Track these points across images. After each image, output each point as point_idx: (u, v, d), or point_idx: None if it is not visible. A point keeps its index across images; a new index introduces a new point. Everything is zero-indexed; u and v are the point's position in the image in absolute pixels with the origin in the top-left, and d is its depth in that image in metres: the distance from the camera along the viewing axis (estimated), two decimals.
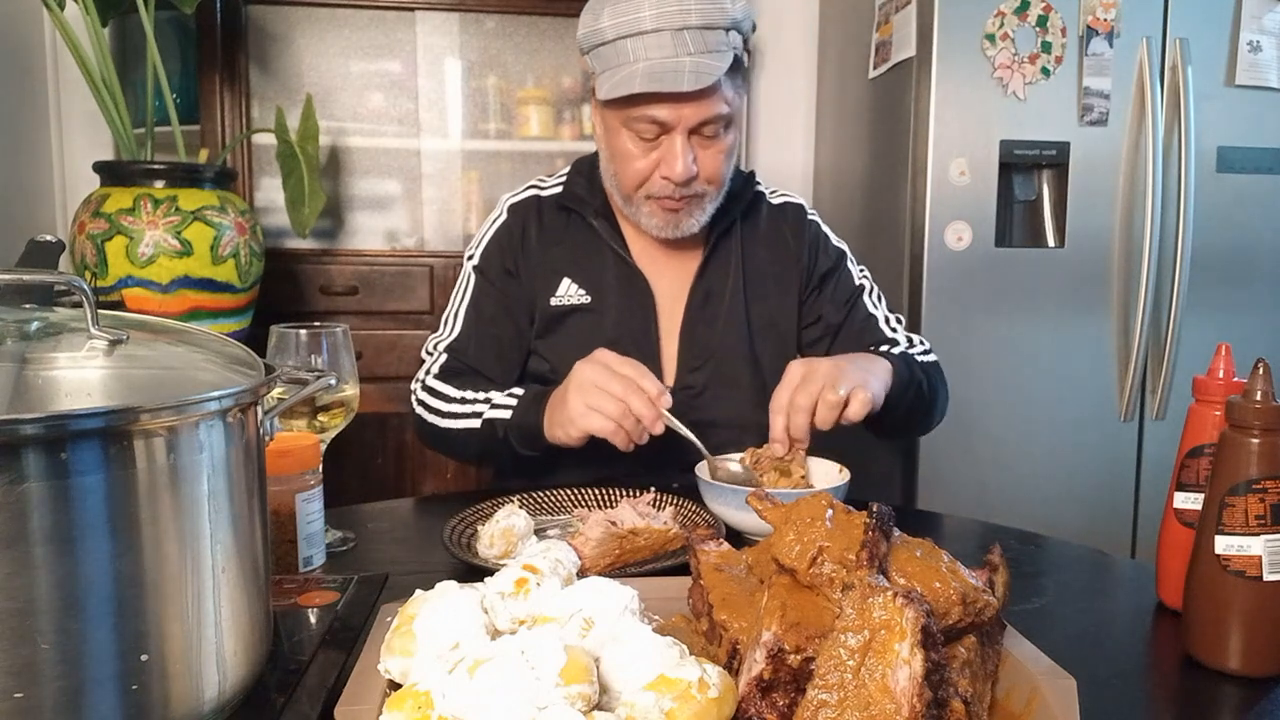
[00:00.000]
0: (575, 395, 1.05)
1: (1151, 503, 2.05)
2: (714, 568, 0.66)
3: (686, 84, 1.10)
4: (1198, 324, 2.00)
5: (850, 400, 1.04)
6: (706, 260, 1.31)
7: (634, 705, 0.50)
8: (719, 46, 1.13)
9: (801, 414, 1.03)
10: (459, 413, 1.21)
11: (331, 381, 0.76)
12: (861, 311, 1.34)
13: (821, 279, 1.34)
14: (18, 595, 0.48)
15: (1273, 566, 0.68)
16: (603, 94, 1.16)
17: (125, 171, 1.83)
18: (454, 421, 1.21)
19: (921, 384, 1.24)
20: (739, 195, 1.32)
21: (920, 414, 1.27)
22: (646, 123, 1.16)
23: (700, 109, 1.15)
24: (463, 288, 1.34)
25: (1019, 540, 1.01)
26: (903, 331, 1.35)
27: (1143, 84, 1.93)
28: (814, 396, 1.03)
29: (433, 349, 1.31)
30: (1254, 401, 0.68)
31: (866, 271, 1.39)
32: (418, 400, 1.27)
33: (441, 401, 1.23)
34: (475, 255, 1.34)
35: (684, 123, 1.15)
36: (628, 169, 1.21)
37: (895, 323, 1.35)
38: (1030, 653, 0.60)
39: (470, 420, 1.19)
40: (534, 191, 1.35)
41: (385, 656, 0.57)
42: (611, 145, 1.22)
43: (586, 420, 1.03)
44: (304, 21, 2.36)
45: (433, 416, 1.24)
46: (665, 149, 1.18)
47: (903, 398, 1.19)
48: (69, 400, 0.54)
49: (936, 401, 1.29)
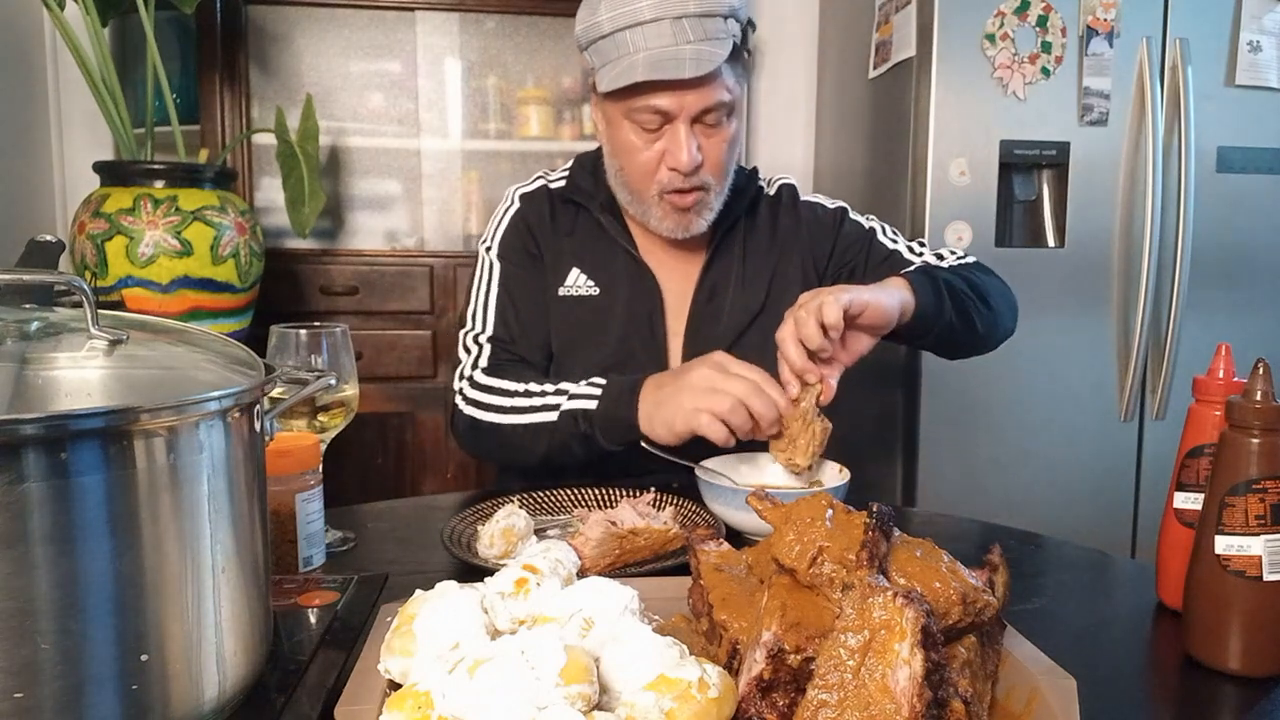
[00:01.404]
0: (688, 395, 1.02)
1: (1151, 503, 2.05)
2: (714, 568, 0.66)
3: (688, 70, 1.10)
4: (1198, 324, 2.00)
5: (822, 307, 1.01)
6: (711, 257, 1.31)
7: (634, 705, 0.50)
8: (718, 34, 1.13)
9: (788, 343, 1.02)
10: (526, 406, 1.15)
11: (331, 381, 0.76)
12: (880, 251, 1.33)
13: (830, 247, 1.34)
14: (18, 595, 0.48)
15: (1273, 566, 0.68)
16: (603, 86, 1.15)
17: (125, 171, 1.83)
18: (520, 417, 1.15)
19: (953, 284, 1.19)
20: (743, 192, 1.32)
21: (976, 313, 1.22)
22: (649, 113, 1.15)
23: (702, 96, 1.14)
24: (485, 278, 1.31)
25: (1019, 540, 1.01)
26: (930, 252, 1.32)
27: (1143, 84, 1.93)
28: (793, 322, 1.03)
29: (471, 343, 1.27)
30: (1254, 401, 0.68)
31: (873, 216, 1.37)
32: (466, 400, 1.21)
33: (500, 397, 1.18)
34: (493, 245, 1.32)
35: (686, 111, 1.14)
36: (633, 162, 1.20)
37: (919, 247, 1.33)
38: (1030, 653, 0.59)
39: (544, 414, 1.14)
40: (542, 183, 1.35)
41: (385, 656, 0.57)
42: (614, 140, 1.22)
43: (695, 420, 1.01)
44: (304, 21, 2.36)
45: (490, 414, 1.18)
46: (669, 139, 1.17)
47: (939, 304, 1.15)
48: (69, 400, 0.54)
49: (989, 296, 1.25)
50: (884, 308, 1.08)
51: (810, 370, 1.03)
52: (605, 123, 1.23)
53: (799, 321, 1.02)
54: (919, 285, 1.15)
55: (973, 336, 1.24)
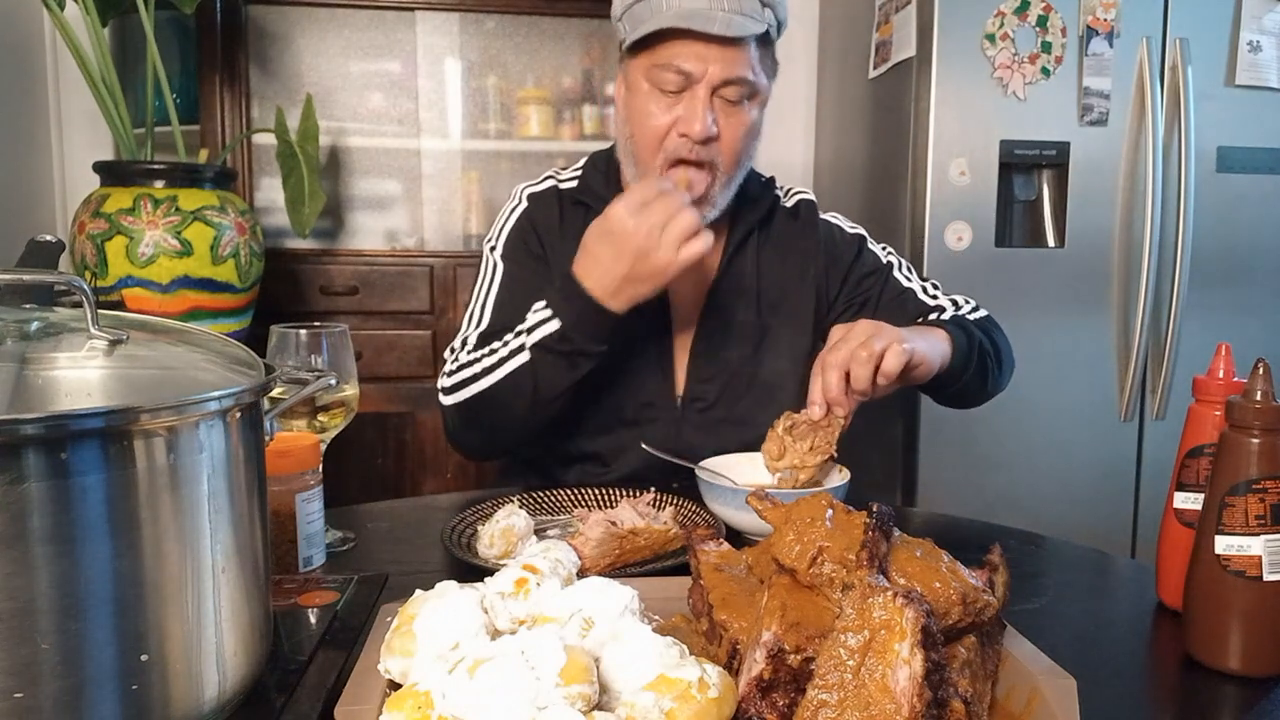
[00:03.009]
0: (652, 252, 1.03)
1: (1151, 503, 2.05)
2: (714, 568, 0.66)
3: (718, 27, 1.08)
4: (1198, 324, 2.00)
5: (885, 354, 1.00)
6: (723, 270, 1.28)
7: (634, 705, 0.50)
8: (753, 12, 1.11)
9: (833, 371, 1.00)
10: (494, 362, 1.14)
11: (331, 381, 0.76)
12: (895, 288, 1.30)
13: (844, 274, 1.31)
14: (18, 595, 0.48)
15: (1273, 566, 0.68)
16: (631, 37, 1.13)
17: (125, 171, 1.83)
18: (494, 375, 1.13)
19: (983, 343, 1.20)
20: (758, 202, 1.29)
21: (991, 373, 1.23)
22: (671, 72, 1.12)
23: (727, 63, 1.11)
24: (488, 278, 1.28)
25: (1019, 540, 1.01)
26: (945, 296, 1.31)
27: (1143, 84, 1.93)
28: (848, 354, 1.00)
29: (458, 344, 1.25)
30: (1254, 401, 0.68)
31: (890, 249, 1.35)
32: (444, 391, 1.19)
33: (469, 367, 1.16)
34: (498, 245, 1.29)
35: (708, 77, 1.12)
36: (645, 127, 1.17)
37: (934, 289, 1.32)
38: (1030, 653, 0.59)
39: (514, 359, 1.12)
40: (552, 182, 1.32)
41: (385, 656, 0.57)
42: (630, 105, 1.19)
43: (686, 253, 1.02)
44: (304, 21, 2.36)
45: (472, 387, 1.15)
46: (686, 105, 1.14)
47: (968, 361, 1.16)
48: (69, 400, 0.54)
49: (1002, 357, 1.26)
50: (932, 366, 1.08)
51: (842, 404, 1.01)
52: (625, 87, 1.21)
53: (855, 359, 1.00)
54: (957, 342, 1.15)
55: (979, 396, 1.26)
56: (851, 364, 1.00)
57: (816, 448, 1.01)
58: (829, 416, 1.02)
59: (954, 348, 1.15)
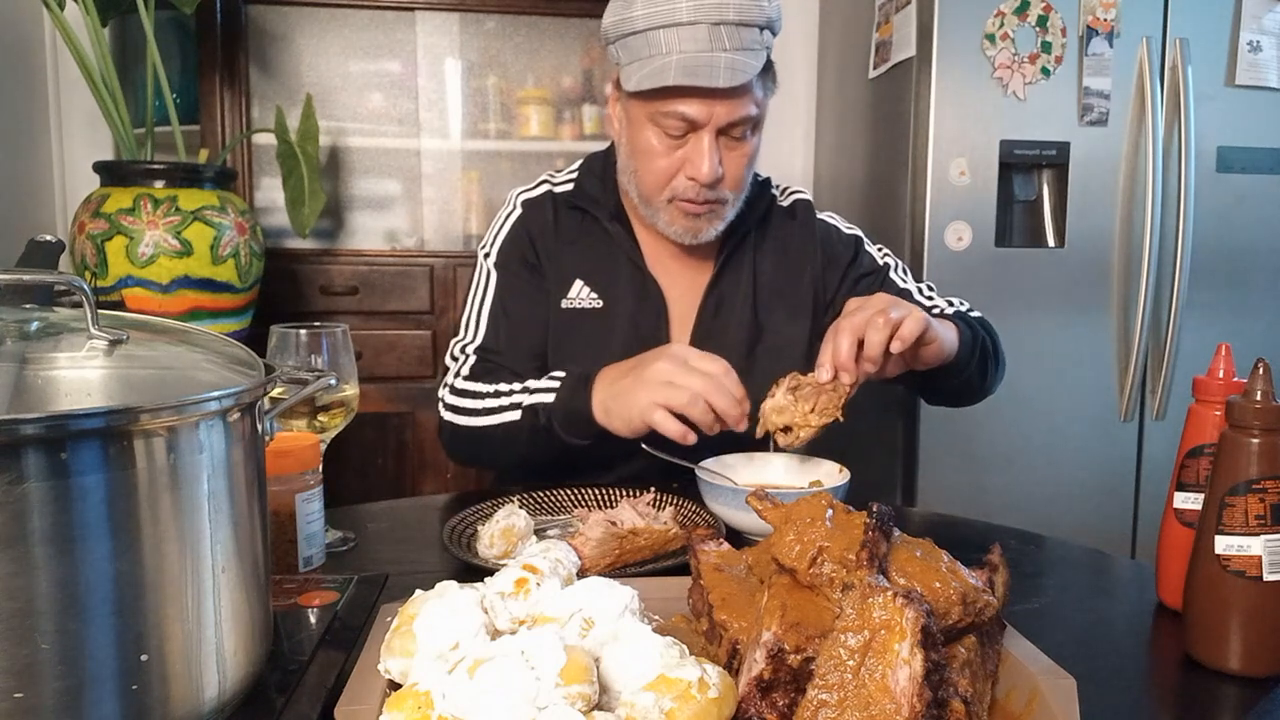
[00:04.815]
0: (645, 389, 1.01)
1: (1151, 503, 2.05)
2: (714, 568, 0.66)
3: (722, 79, 1.07)
4: (1198, 324, 2.00)
5: (904, 321, 0.99)
6: (720, 270, 1.28)
7: (634, 705, 0.50)
8: (753, 45, 1.10)
9: (846, 335, 0.98)
10: (494, 407, 1.15)
11: (331, 381, 0.76)
12: (893, 288, 1.30)
13: (842, 274, 1.31)
14: (18, 595, 0.48)
15: (1273, 566, 0.68)
16: (631, 85, 1.12)
17: (125, 171, 1.83)
18: (490, 418, 1.15)
19: (984, 339, 1.21)
20: (754, 203, 1.29)
21: (989, 370, 1.24)
22: (675, 119, 1.12)
23: (732, 108, 1.12)
24: (481, 286, 1.29)
25: (1019, 540, 1.01)
26: (940, 298, 1.32)
27: (1143, 84, 1.93)
28: (864, 320, 0.99)
29: (459, 353, 1.26)
30: (1254, 401, 0.68)
31: (888, 250, 1.35)
32: (446, 406, 1.21)
33: (473, 400, 1.17)
34: (491, 252, 1.29)
35: (714, 121, 1.12)
36: (650, 167, 1.17)
37: (929, 290, 1.33)
38: (1030, 653, 0.59)
39: (510, 413, 1.13)
40: (547, 187, 1.31)
41: (385, 656, 0.57)
42: (634, 140, 1.18)
43: (651, 415, 1.00)
44: (304, 21, 2.36)
45: (465, 418, 1.17)
46: (691, 148, 1.14)
47: (973, 353, 1.17)
48: (69, 400, 0.54)
49: (999, 357, 1.26)
50: (942, 348, 1.07)
51: (850, 370, 0.99)
52: (626, 121, 1.20)
53: (872, 325, 0.99)
54: (963, 333, 1.15)
55: (977, 393, 1.27)
56: (868, 329, 0.99)
57: (820, 409, 0.99)
58: (835, 381, 1.00)
59: (960, 338, 1.16)
